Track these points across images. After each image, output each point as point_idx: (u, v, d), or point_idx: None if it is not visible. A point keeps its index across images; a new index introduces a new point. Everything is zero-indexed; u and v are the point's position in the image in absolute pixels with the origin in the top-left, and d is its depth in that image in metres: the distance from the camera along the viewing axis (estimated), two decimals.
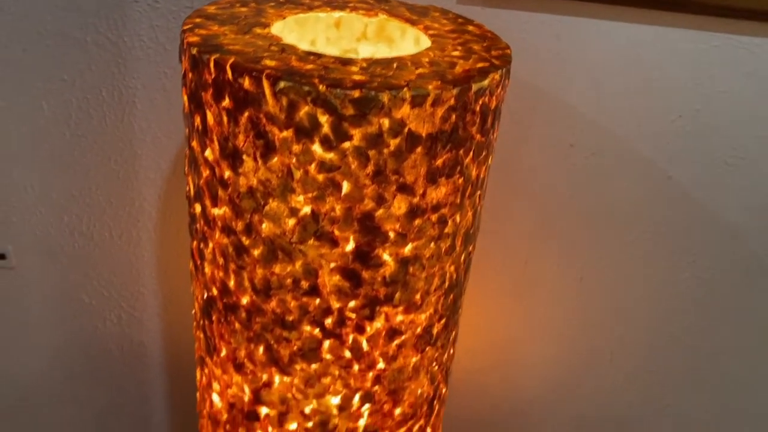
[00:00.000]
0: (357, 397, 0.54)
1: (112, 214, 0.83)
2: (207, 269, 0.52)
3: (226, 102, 0.42)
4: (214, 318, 0.54)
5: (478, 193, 0.51)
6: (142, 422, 1.01)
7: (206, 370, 0.59)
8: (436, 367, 0.58)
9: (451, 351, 0.61)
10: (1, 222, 0.86)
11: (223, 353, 0.55)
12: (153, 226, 0.84)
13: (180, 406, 0.99)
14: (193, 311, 0.59)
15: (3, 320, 0.94)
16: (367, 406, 0.54)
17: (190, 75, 0.45)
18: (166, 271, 0.87)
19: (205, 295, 0.54)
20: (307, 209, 0.44)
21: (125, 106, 0.76)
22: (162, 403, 0.99)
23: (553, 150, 0.73)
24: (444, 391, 0.63)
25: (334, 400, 0.53)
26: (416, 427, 0.59)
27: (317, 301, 0.48)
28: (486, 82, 0.43)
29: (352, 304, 0.49)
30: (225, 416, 0.58)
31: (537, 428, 0.92)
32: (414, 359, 0.54)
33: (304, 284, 0.48)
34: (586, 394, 0.88)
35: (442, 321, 0.55)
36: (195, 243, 0.53)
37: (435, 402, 0.61)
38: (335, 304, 0.48)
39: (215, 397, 0.59)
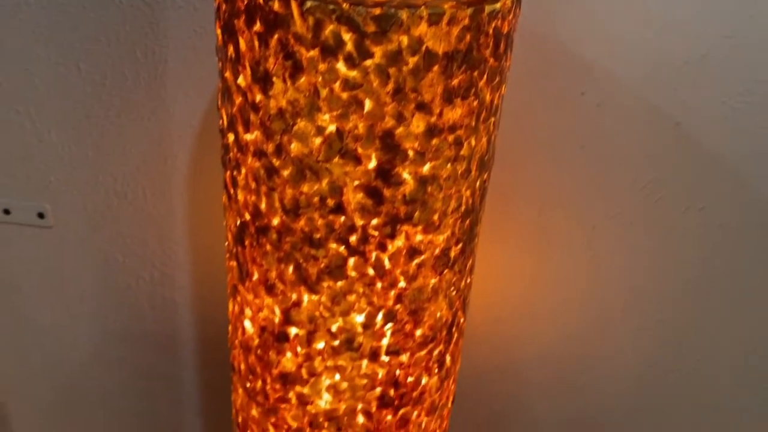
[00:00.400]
0: (380, 316, 0.57)
1: (145, 173, 0.88)
2: (240, 196, 0.56)
3: (257, 26, 0.46)
4: (246, 243, 0.58)
5: (492, 120, 0.55)
6: (173, 380, 1.05)
7: (238, 299, 0.63)
8: (454, 292, 0.61)
9: (468, 280, 0.64)
10: (39, 182, 0.91)
11: (255, 277, 0.59)
12: (184, 184, 0.88)
13: (210, 364, 1.03)
14: (226, 243, 0.63)
15: (42, 280, 0.99)
16: (389, 325, 0.58)
17: (223, 6, 0.49)
18: (197, 228, 0.91)
19: (238, 222, 0.58)
20: (332, 127, 0.48)
21: (158, 65, 0.80)
22: (192, 361, 1.03)
23: (563, 99, 0.76)
24: (462, 320, 0.66)
25: (359, 318, 0.57)
26: (436, 352, 0.63)
27: (342, 218, 0.52)
28: (498, 5, 0.47)
29: (374, 221, 0.52)
30: (256, 341, 0.62)
31: (550, 381, 0.95)
32: (433, 280, 0.58)
33: (330, 202, 0.51)
34: (598, 346, 0.91)
35: (459, 245, 0.58)
36: (228, 173, 0.57)
37: (454, 329, 0.64)
38: (359, 222, 0.52)
39: (247, 324, 0.63)
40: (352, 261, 0.54)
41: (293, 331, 0.59)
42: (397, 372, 0.61)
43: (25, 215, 0.94)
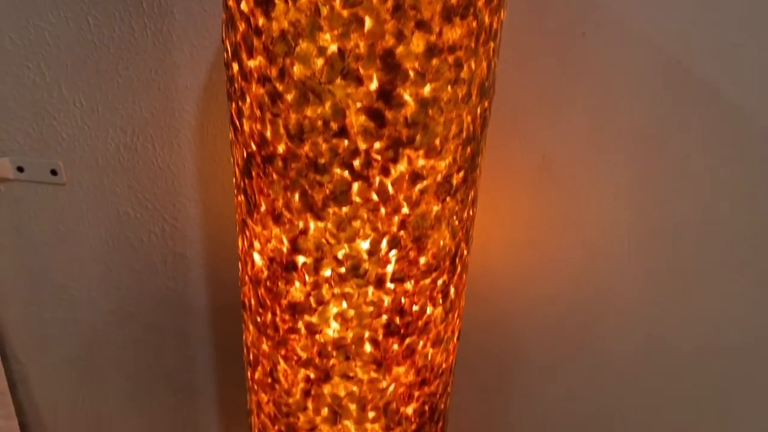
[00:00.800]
0: (384, 242, 0.59)
1: (154, 126, 0.89)
2: (246, 126, 0.57)
3: None
4: (253, 174, 0.59)
5: (492, 45, 0.56)
6: (186, 335, 1.07)
7: (247, 233, 0.64)
8: (457, 222, 0.62)
9: (471, 212, 0.66)
10: (51, 138, 0.92)
11: (263, 208, 0.60)
12: (192, 136, 0.90)
13: (222, 320, 1.05)
14: (234, 179, 0.65)
15: (56, 238, 1.01)
16: (394, 252, 0.59)
17: None
18: (206, 181, 0.93)
19: (245, 154, 0.59)
20: (333, 47, 0.49)
21: (164, 17, 0.82)
22: (204, 316, 1.05)
23: (564, 39, 0.77)
24: (465, 253, 0.68)
25: (364, 245, 0.59)
26: (440, 282, 0.64)
27: (346, 142, 0.53)
28: None
29: (377, 145, 0.54)
30: (265, 273, 0.64)
31: (553, 328, 0.96)
32: (435, 208, 0.59)
33: (334, 125, 0.53)
34: (604, 291, 0.92)
35: (461, 173, 0.59)
36: (234, 105, 0.59)
37: (457, 260, 0.66)
38: (362, 145, 0.53)
39: (256, 257, 0.64)
40: (356, 186, 0.56)
41: (301, 259, 0.60)
42: (403, 300, 0.63)
43: (38, 172, 0.96)
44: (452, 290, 0.67)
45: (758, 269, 0.87)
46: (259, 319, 0.68)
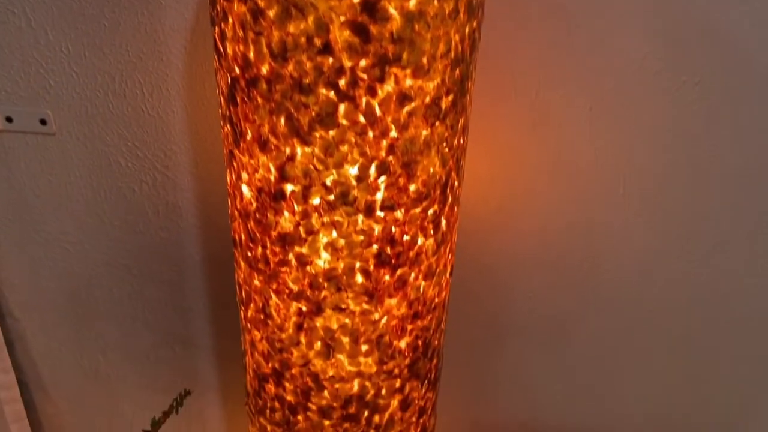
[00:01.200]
0: (373, 168, 0.58)
1: (142, 70, 0.88)
2: (229, 49, 0.56)
3: None
4: (238, 99, 0.58)
5: None
6: (180, 286, 1.07)
7: (234, 165, 0.64)
8: (447, 149, 0.62)
9: (462, 141, 0.65)
10: (39, 87, 0.91)
11: (249, 136, 0.59)
12: (180, 80, 0.88)
13: (215, 269, 1.04)
14: (219, 110, 0.64)
15: (48, 189, 1.00)
16: (383, 178, 0.59)
17: None
18: (196, 127, 0.92)
19: (229, 80, 0.58)
20: None
21: None
22: (198, 266, 1.04)
23: None
24: (456, 184, 0.67)
25: (352, 171, 0.58)
26: (431, 211, 0.64)
27: (330, 60, 0.52)
28: None
29: (363, 63, 0.53)
30: (254, 205, 0.63)
31: (546, 272, 0.96)
32: (424, 132, 0.58)
33: (317, 42, 0.51)
34: (598, 232, 0.91)
35: (450, 96, 0.58)
36: (216, 29, 0.58)
37: (448, 190, 0.65)
38: (347, 63, 0.52)
39: (244, 189, 0.63)
40: (342, 108, 0.55)
41: (289, 188, 0.60)
42: (393, 229, 0.62)
43: (27, 122, 0.95)
44: (443, 222, 0.67)
45: (752, 205, 0.86)
46: (249, 254, 0.67)
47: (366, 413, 0.72)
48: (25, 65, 0.90)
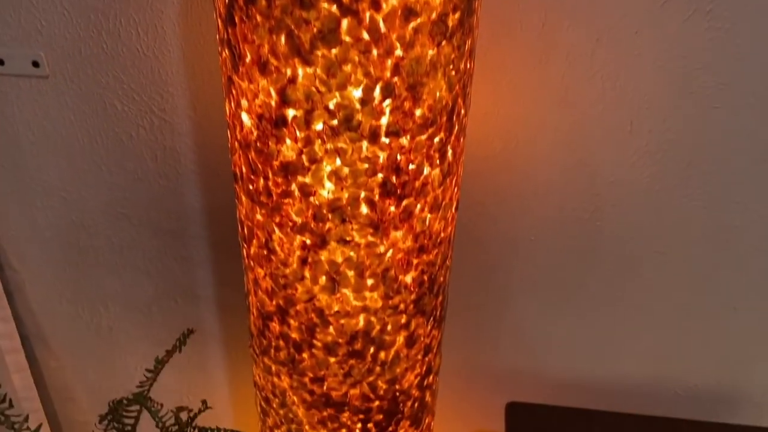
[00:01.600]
0: (378, 90, 0.56)
1: (136, 8, 0.85)
2: None
3: None
4: (236, 19, 0.56)
5: None
6: (181, 234, 1.05)
7: (234, 92, 0.61)
8: (453, 72, 0.59)
9: (469, 65, 0.62)
10: (31, 28, 0.89)
11: (248, 58, 0.57)
12: (176, 18, 0.86)
13: (216, 217, 1.03)
14: (217, 35, 0.61)
15: (43, 136, 0.98)
16: (388, 101, 0.57)
17: None
18: (192, 67, 0.89)
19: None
20: None
21: None
22: (199, 214, 1.03)
23: None
24: (463, 112, 0.65)
25: (356, 93, 0.56)
26: (437, 139, 0.62)
27: None
28: None
29: None
30: (255, 134, 0.61)
31: (554, 213, 0.94)
32: (431, 52, 0.56)
33: None
34: (605, 171, 0.90)
35: (457, 14, 0.56)
36: None
37: (454, 118, 0.63)
38: None
39: (244, 117, 0.61)
40: (345, 23, 0.52)
41: (290, 113, 0.58)
42: (398, 157, 0.60)
43: (19, 65, 0.93)
44: (450, 152, 0.65)
45: (755, 135, 0.84)
46: (251, 187, 0.65)
47: (372, 349, 0.71)
48: (15, 4, 0.88)
